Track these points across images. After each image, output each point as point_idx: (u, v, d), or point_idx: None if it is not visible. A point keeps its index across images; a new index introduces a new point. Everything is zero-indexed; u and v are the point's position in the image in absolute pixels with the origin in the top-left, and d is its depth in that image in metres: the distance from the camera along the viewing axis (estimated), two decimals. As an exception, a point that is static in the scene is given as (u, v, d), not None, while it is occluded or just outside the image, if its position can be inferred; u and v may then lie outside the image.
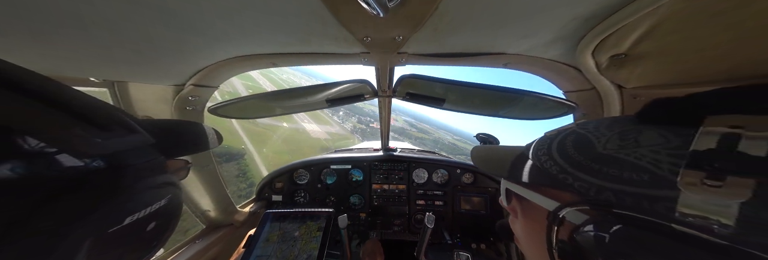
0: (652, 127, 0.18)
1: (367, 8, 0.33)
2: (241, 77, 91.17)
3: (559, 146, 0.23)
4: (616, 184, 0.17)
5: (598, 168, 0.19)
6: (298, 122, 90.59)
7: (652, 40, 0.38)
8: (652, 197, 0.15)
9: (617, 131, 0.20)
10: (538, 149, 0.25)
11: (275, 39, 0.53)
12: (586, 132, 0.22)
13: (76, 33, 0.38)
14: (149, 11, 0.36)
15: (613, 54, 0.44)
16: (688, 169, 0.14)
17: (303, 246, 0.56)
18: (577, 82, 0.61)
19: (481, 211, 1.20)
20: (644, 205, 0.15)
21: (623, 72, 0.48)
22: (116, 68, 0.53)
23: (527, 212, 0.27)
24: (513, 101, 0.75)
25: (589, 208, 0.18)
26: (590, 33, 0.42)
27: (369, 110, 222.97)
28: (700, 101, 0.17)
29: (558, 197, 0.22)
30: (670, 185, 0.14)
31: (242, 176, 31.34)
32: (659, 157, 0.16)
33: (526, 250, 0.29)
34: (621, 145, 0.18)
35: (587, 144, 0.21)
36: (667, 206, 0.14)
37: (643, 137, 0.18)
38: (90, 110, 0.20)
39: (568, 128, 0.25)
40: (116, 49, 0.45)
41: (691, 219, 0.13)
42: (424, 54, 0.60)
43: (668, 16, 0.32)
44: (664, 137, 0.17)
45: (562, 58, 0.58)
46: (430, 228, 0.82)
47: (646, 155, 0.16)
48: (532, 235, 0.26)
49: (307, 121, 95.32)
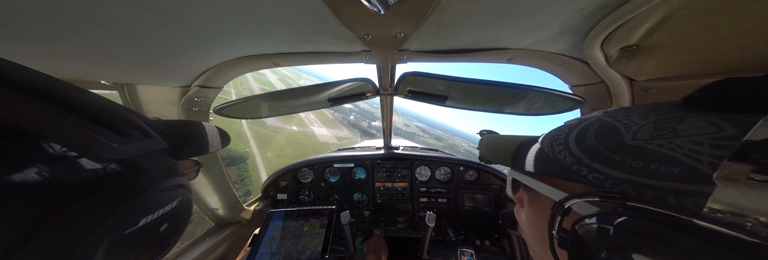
0: (700, 114, 0.16)
1: (367, 6, 0.32)
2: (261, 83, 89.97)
3: (577, 136, 0.22)
4: (638, 176, 0.16)
5: (619, 160, 0.17)
6: (308, 126, 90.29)
7: (665, 31, 0.36)
8: (680, 191, 0.14)
9: (653, 120, 0.18)
10: (553, 138, 0.24)
11: (277, 39, 0.53)
12: (614, 120, 0.21)
13: (87, 37, 0.39)
14: (156, 15, 0.37)
15: (624, 46, 0.42)
16: (734, 161, 0.12)
17: (307, 243, 0.58)
18: (584, 75, 0.59)
19: (485, 208, 1.20)
20: (668, 199, 0.14)
21: (634, 64, 0.47)
22: (125, 70, 0.55)
23: (533, 202, 0.27)
24: (517, 96, 0.74)
25: (600, 200, 0.17)
26: (599, 25, 0.40)
27: (379, 114, 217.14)
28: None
29: (566, 188, 0.22)
30: (705, 179, 0.13)
31: (239, 183, 29.00)
32: (700, 148, 0.14)
33: (529, 240, 0.28)
34: (654, 135, 0.17)
35: (612, 133, 0.19)
36: (695, 201, 0.13)
37: (685, 126, 0.16)
38: (109, 115, 0.21)
39: (593, 117, 0.23)
40: (125, 52, 0.46)
41: (721, 215, 0.12)
42: (426, 51, 0.59)
43: (683, 5, 0.31)
44: (715, 126, 0.15)
45: (568, 52, 0.56)
46: (431, 227, 0.82)
47: (683, 147, 0.15)
48: (537, 225, 0.25)
49: (318, 124, 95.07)
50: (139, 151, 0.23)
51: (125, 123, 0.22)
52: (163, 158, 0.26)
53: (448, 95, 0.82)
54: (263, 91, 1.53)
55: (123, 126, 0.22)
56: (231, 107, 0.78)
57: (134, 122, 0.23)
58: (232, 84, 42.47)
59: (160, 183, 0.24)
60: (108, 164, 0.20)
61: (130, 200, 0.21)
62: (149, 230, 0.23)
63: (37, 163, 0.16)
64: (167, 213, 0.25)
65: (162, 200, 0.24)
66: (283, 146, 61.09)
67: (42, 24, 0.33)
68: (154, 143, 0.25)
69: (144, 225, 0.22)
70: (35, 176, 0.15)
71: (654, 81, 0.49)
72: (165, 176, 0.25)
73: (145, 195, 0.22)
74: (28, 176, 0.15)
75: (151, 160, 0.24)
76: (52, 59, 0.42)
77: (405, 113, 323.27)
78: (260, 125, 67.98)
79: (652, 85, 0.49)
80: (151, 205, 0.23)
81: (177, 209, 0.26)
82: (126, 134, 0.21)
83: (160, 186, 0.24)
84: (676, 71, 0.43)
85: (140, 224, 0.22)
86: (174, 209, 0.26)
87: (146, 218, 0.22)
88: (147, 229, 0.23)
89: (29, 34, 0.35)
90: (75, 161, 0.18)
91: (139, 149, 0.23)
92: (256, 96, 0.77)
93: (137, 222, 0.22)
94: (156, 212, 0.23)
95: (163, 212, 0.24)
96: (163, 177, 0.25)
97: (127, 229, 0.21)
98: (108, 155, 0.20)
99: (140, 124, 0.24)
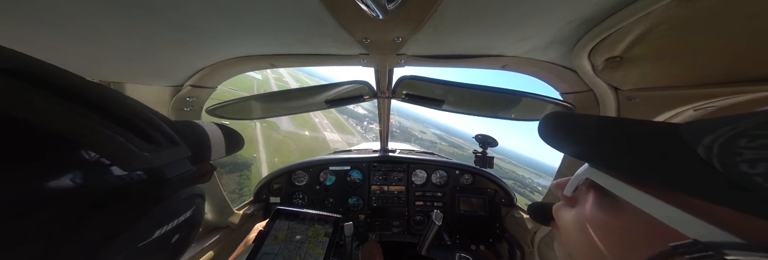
0: None
1: (366, 10, 0.33)
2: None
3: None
4: None
5: None
6: (320, 131, 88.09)
7: (646, 44, 0.38)
8: None
9: None
10: (745, 140, 0.12)
11: (274, 40, 0.53)
12: None
13: (71, 33, 0.37)
14: (146, 12, 0.36)
15: (609, 57, 0.45)
16: None
17: (310, 250, 0.55)
18: (573, 84, 0.62)
19: (480, 212, 1.20)
20: None
21: (618, 74, 0.49)
22: (113, 68, 0.53)
23: (613, 212, 0.19)
24: (511, 102, 0.76)
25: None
26: (586, 36, 0.43)
27: (396, 122, 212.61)
28: None
29: (720, 217, 0.12)
30: None
31: (237, 192, 26.75)
32: None
33: (573, 246, 0.22)
34: None
35: None
36: None
37: None
38: (141, 122, 0.20)
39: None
40: (113, 49, 0.45)
41: None
42: (423, 55, 0.60)
43: (660, 21, 0.33)
44: None
45: (559, 61, 0.58)
46: (438, 225, 0.81)
47: None
48: (608, 241, 0.18)
49: (330, 130, 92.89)
50: (165, 160, 0.22)
51: (155, 130, 0.21)
52: (186, 167, 0.25)
53: (444, 99, 0.83)
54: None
55: (153, 134, 0.21)
56: (225, 107, 0.77)
57: (163, 128, 0.23)
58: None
59: (180, 193, 0.24)
60: (135, 173, 0.20)
61: (148, 210, 0.20)
62: (162, 241, 0.22)
63: (74, 170, 0.16)
64: (181, 223, 0.24)
65: (178, 210, 0.24)
66: (292, 151, 58.69)
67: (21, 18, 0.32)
68: (180, 151, 0.24)
69: (158, 236, 0.21)
70: (69, 182, 0.15)
71: (637, 91, 0.51)
72: (185, 185, 0.25)
73: (164, 205, 0.22)
74: (63, 183, 0.15)
75: (175, 169, 0.23)
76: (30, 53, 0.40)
77: (421, 119, 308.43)
78: (274, 129, 65.83)
79: (636, 94, 0.52)
80: (167, 216, 0.22)
81: (190, 219, 0.25)
82: (155, 142, 0.21)
83: (178, 196, 0.23)
84: (657, 82, 0.46)
85: (155, 235, 0.21)
86: (188, 219, 0.25)
87: (161, 229, 0.22)
88: (160, 241, 0.22)
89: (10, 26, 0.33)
90: (107, 169, 0.18)
91: (166, 158, 0.22)
92: (251, 97, 0.75)
93: (152, 234, 0.21)
94: (170, 223, 0.23)
95: (178, 222, 0.23)
96: (184, 186, 0.24)
97: (142, 241, 0.20)
98: (138, 165, 0.19)
99: (169, 131, 0.23)
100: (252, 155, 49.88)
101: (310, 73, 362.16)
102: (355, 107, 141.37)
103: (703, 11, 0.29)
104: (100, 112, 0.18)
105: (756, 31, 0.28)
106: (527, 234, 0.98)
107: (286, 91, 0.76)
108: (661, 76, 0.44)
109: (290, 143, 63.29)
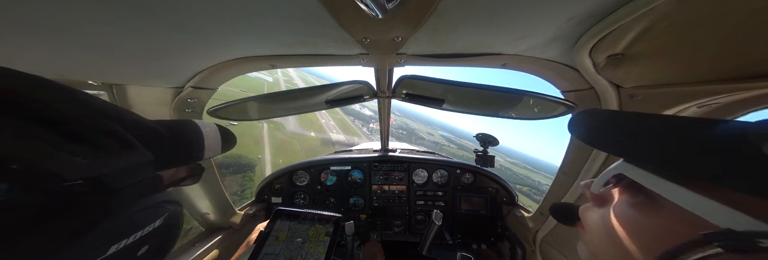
0: None
1: (365, 10, 0.33)
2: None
3: None
4: None
5: None
6: (327, 132, 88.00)
7: (646, 41, 0.38)
8: None
9: None
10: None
11: (274, 41, 0.53)
12: None
13: (73, 35, 0.38)
14: (148, 14, 0.36)
15: (610, 54, 0.44)
16: None
17: (311, 250, 0.56)
18: (575, 82, 0.61)
19: (481, 211, 1.20)
20: None
21: (620, 72, 0.49)
22: (115, 70, 0.53)
23: (648, 210, 0.19)
24: (512, 101, 0.75)
25: None
26: (587, 33, 0.42)
27: (401, 122, 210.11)
28: None
29: (761, 211, 0.13)
30: None
31: (238, 195, 25.53)
32: None
33: (596, 246, 0.22)
34: None
35: None
36: None
37: None
38: (79, 124, 0.18)
39: None
40: (115, 51, 0.45)
41: None
42: (423, 55, 0.60)
43: (661, 18, 0.33)
44: None
45: (559, 59, 0.58)
46: (438, 225, 0.82)
47: None
48: (638, 237, 0.18)
49: (336, 131, 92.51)
50: (112, 166, 0.19)
51: (101, 133, 0.19)
52: (146, 173, 0.23)
53: (444, 98, 0.83)
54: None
55: (98, 137, 0.19)
56: (226, 108, 0.77)
57: (114, 131, 0.20)
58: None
59: (141, 202, 0.22)
60: (76, 182, 0.17)
61: (95, 226, 0.18)
62: (123, 256, 0.20)
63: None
64: (148, 234, 0.22)
65: (140, 221, 0.22)
66: (297, 152, 58.16)
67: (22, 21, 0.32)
68: (135, 155, 0.21)
69: (115, 252, 0.19)
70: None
71: (639, 88, 0.51)
72: (147, 193, 0.23)
73: (117, 218, 0.20)
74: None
75: (129, 176, 0.21)
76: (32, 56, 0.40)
77: (428, 121, 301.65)
78: (280, 130, 65.23)
79: (638, 92, 0.52)
80: (124, 229, 0.20)
81: (161, 228, 0.24)
82: (99, 147, 0.18)
83: (140, 205, 0.22)
84: (659, 79, 0.46)
85: (110, 252, 0.19)
86: (157, 229, 0.23)
87: (118, 244, 0.20)
88: (120, 256, 0.20)
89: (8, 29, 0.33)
90: (35, 182, 0.15)
91: (113, 164, 0.19)
92: (251, 97, 0.76)
93: (106, 251, 0.19)
94: (132, 235, 0.21)
95: (142, 234, 0.21)
96: (144, 195, 0.22)
97: (96, 258, 0.18)
98: (71, 174, 0.17)
99: (121, 133, 0.20)
100: (257, 157, 49.42)
101: (318, 75, 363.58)
102: (362, 109, 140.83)
103: (706, 7, 0.29)
104: (21, 116, 0.15)
105: (760, 26, 0.28)
106: (529, 233, 0.98)
107: (287, 91, 0.77)
108: (664, 73, 0.43)
109: (296, 144, 63.10)
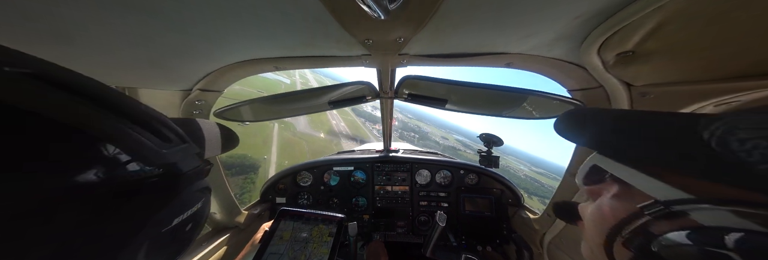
0: None
1: (368, 11, 0.33)
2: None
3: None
4: None
5: None
6: (337, 134, 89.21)
7: (659, 38, 0.37)
8: None
9: None
10: (752, 128, 0.15)
11: (278, 43, 0.54)
12: None
13: (88, 40, 0.39)
14: (158, 21, 0.38)
15: (620, 52, 0.43)
16: None
17: (314, 250, 0.56)
18: (582, 80, 0.60)
19: (486, 212, 1.18)
20: None
21: (631, 70, 0.47)
22: (127, 74, 0.55)
23: (622, 197, 0.22)
24: (517, 100, 0.74)
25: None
26: (594, 32, 0.41)
27: (414, 124, 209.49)
28: None
29: (694, 186, 0.17)
30: None
31: (237, 198, 28.90)
32: None
33: (592, 240, 0.24)
34: None
35: None
36: None
37: None
38: (156, 122, 0.23)
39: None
40: (127, 55, 0.47)
41: None
42: (426, 55, 0.60)
43: (675, 13, 0.31)
44: None
45: (566, 57, 0.57)
46: (442, 227, 0.81)
47: None
48: (603, 220, 0.21)
49: (346, 132, 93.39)
50: (179, 156, 0.25)
51: (169, 130, 0.24)
52: (196, 162, 0.28)
53: (447, 98, 0.82)
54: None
55: (167, 133, 0.24)
56: (232, 110, 0.79)
57: (175, 129, 0.25)
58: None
59: (192, 185, 0.26)
60: (154, 167, 0.22)
61: (169, 200, 0.23)
62: (179, 229, 0.25)
63: (98, 165, 0.17)
64: (194, 213, 0.27)
65: (192, 201, 0.26)
66: (304, 153, 58.26)
67: (43, 27, 0.34)
68: (190, 148, 0.27)
69: (177, 224, 0.24)
70: (93, 176, 0.17)
71: (652, 86, 0.49)
72: (197, 179, 0.27)
73: (181, 196, 0.24)
74: (89, 177, 0.16)
75: (187, 164, 0.26)
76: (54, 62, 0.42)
77: (443, 125, 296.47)
78: (289, 130, 66.53)
79: (650, 90, 0.50)
80: (184, 206, 0.25)
81: (200, 210, 0.28)
82: (169, 140, 0.24)
83: (192, 188, 0.26)
84: (673, 77, 0.44)
85: (174, 223, 0.24)
86: (199, 210, 0.28)
87: (179, 217, 0.24)
88: (178, 228, 0.24)
89: (28, 37, 0.35)
90: (128, 164, 0.19)
91: (179, 154, 0.25)
92: (256, 99, 0.77)
93: (172, 221, 0.23)
94: (186, 212, 0.25)
95: (191, 212, 0.26)
96: (195, 180, 0.27)
97: (165, 227, 0.23)
98: (156, 160, 0.22)
99: (179, 131, 0.26)
100: (262, 157, 49.83)
101: (333, 77, 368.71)
102: (374, 110, 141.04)
103: (721, 1, 0.27)
104: (119, 112, 0.19)
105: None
106: (536, 235, 0.96)
107: (290, 93, 0.77)
108: (678, 70, 0.42)
109: (304, 144, 63.37)
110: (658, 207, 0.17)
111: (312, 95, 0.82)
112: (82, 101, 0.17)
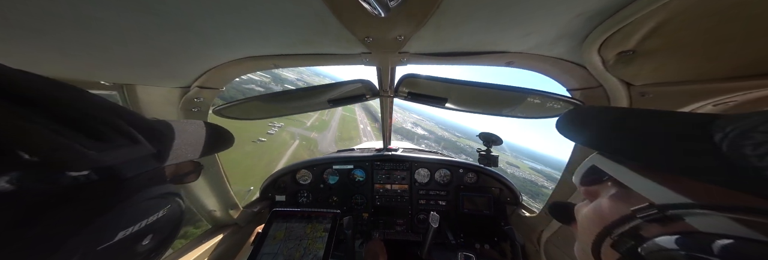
0: None
1: (368, 8, 0.33)
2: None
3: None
4: None
5: None
6: (357, 139, 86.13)
7: (661, 37, 0.36)
8: None
9: None
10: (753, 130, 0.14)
11: (277, 40, 0.53)
12: None
13: (86, 37, 0.39)
14: (156, 17, 0.37)
15: (621, 51, 0.43)
16: None
17: (309, 246, 0.57)
18: (582, 80, 0.60)
19: (485, 211, 1.19)
20: None
21: (631, 69, 0.47)
22: (125, 70, 0.55)
23: (621, 199, 0.21)
24: (516, 99, 0.74)
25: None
26: (596, 30, 0.41)
27: (429, 129, 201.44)
28: None
29: (696, 190, 0.16)
30: None
31: None
32: None
33: (584, 241, 0.23)
34: None
35: None
36: None
37: None
38: (89, 119, 0.19)
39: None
40: (125, 52, 0.46)
41: None
42: (426, 53, 0.59)
43: (678, 12, 0.31)
44: None
45: (566, 56, 0.57)
46: (435, 228, 0.82)
47: None
48: (598, 221, 0.20)
49: (371, 137, 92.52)
50: (120, 158, 0.21)
51: (108, 128, 0.20)
52: (149, 165, 0.24)
53: (447, 97, 0.82)
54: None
55: (105, 131, 0.20)
56: (231, 107, 0.78)
57: (119, 126, 0.21)
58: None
59: (145, 192, 0.23)
60: (84, 173, 0.18)
61: (104, 212, 0.19)
62: (128, 244, 0.22)
63: (8, 172, 0.14)
64: (151, 223, 0.23)
65: (145, 210, 0.23)
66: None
67: (37, 23, 0.33)
68: (140, 149, 0.23)
69: (122, 239, 0.21)
70: (5, 184, 0.14)
71: (651, 86, 0.49)
72: (151, 184, 0.24)
73: (124, 205, 0.21)
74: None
75: (135, 167, 0.22)
76: (49, 59, 0.42)
77: (455, 127, 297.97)
78: (309, 149, 61.34)
79: (650, 90, 0.50)
80: (131, 217, 0.22)
81: (164, 219, 0.25)
82: (107, 140, 0.20)
83: (144, 195, 0.23)
84: (673, 76, 0.44)
85: (117, 238, 0.20)
86: (161, 219, 0.24)
87: (125, 231, 0.21)
88: (126, 243, 0.21)
89: (24, 32, 0.35)
90: (48, 171, 0.16)
91: (120, 157, 0.21)
92: (255, 97, 0.77)
93: (114, 237, 0.20)
94: (137, 224, 0.22)
95: (147, 223, 0.23)
96: (149, 185, 0.24)
97: (101, 244, 0.19)
98: (82, 164, 0.18)
99: (127, 129, 0.22)
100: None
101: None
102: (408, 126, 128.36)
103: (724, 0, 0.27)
104: (37, 110, 0.16)
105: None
106: (533, 234, 0.97)
107: (290, 91, 0.77)
108: (678, 70, 0.42)
109: (318, 144, 59.86)
110: (652, 211, 0.17)
111: (311, 93, 0.82)
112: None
